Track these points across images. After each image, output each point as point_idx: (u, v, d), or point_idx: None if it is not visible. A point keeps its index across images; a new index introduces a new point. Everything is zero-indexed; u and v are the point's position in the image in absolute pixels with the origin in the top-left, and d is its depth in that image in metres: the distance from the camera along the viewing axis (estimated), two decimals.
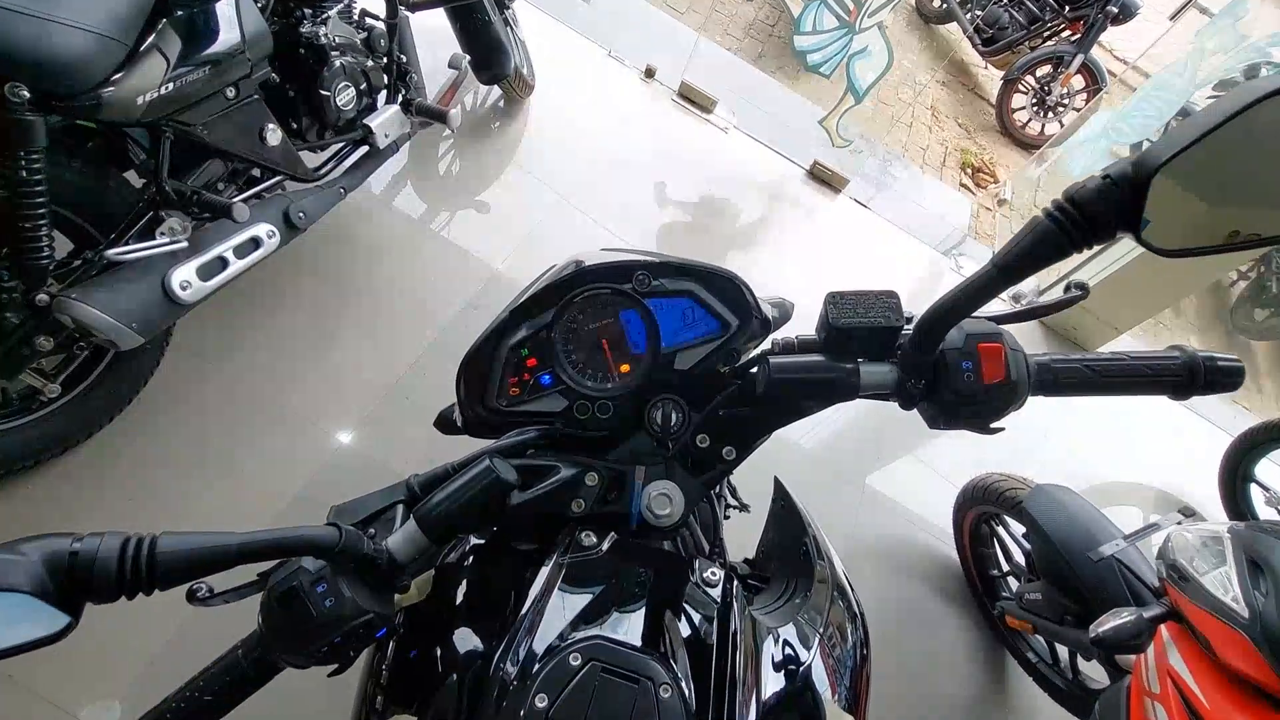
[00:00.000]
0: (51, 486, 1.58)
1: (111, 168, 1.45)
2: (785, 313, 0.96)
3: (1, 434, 1.42)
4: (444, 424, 0.98)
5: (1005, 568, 2.13)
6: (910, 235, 3.47)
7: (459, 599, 0.68)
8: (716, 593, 0.64)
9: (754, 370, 0.72)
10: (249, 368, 1.90)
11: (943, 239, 3.62)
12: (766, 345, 0.76)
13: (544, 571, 0.63)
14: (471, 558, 0.72)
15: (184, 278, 1.40)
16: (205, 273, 1.45)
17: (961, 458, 2.58)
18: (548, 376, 0.75)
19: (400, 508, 0.63)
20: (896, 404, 0.66)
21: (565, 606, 0.60)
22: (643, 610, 0.61)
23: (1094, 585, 1.54)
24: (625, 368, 0.76)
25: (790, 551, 0.86)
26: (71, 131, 1.40)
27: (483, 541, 0.75)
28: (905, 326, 0.63)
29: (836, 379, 0.64)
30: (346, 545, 0.53)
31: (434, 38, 2.49)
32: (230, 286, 1.67)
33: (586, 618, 0.59)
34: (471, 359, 0.74)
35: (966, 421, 0.63)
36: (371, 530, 0.61)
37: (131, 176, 1.50)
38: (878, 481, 2.44)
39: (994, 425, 0.62)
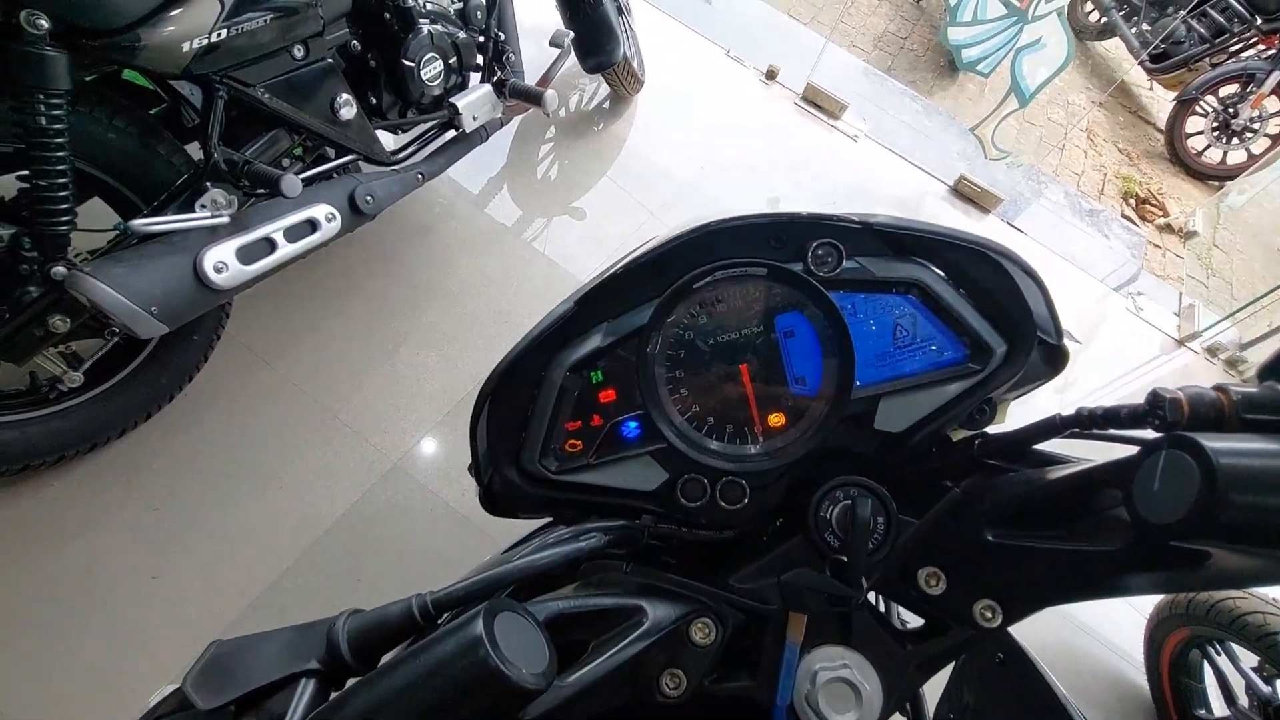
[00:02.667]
0: (72, 486, 1.41)
1: (166, 133, 1.27)
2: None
3: (17, 425, 1.25)
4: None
5: (1223, 712, 1.58)
6: (1075, 267, 2.91)
7: None
8: None
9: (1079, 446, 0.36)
10: (302, 370, 1.69)
11: (1110, 273, 3.04)
12: (1067, 397, 0.39)
13: None
14: None
15: (219, 259, 1.18)
16: (247, 255, 1.24)
17: None
18: (635, 424, 0.42)
19: (309, 686, 0.30)
20: None
21: None
22: None
23: None
24: (778, 419, 0.42)
25: None
26: (119, 87, 1.24)
27: None
28: None
29: None
30: None
31: (540, 30, 2.29)
32: (290, 277, 1.47)
33: None
34: (502, 383, 0.42)
35: None
36: None
37: (195, 150, 1.34)
38: None
39: None
